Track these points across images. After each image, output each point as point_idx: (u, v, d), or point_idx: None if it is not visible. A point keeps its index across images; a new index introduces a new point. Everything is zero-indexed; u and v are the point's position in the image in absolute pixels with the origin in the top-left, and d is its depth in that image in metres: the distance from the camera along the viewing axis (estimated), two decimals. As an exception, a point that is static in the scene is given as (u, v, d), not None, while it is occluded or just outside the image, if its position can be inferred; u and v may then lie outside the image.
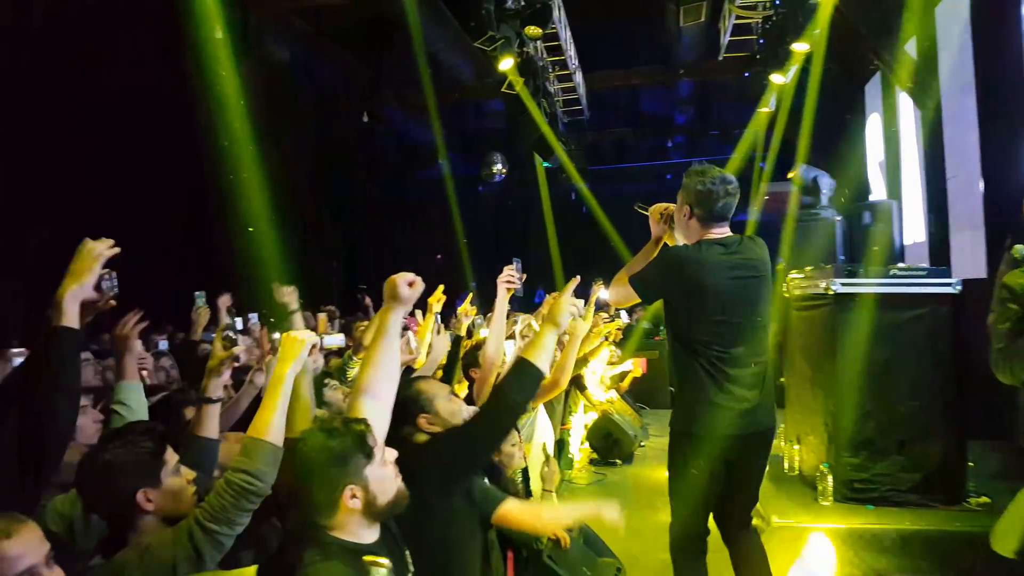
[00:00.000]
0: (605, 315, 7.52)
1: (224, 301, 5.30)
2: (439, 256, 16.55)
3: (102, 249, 2.37)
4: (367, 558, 2.15)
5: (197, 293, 4.69)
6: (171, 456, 2.31)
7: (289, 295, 4.21)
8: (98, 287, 2.38)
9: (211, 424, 2.67)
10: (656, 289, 3.60)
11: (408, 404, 2.80)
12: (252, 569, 2.37)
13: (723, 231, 3.47)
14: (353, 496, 2.22)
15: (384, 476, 2.33)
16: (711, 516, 3.61)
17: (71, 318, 2.27)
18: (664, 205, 3.78)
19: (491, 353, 3.91)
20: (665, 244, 3.75)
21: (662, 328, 10.17)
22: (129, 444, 2.22)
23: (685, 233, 3.59)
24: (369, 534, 2.33)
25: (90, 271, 2.33)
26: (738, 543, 3.63)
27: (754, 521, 3.73)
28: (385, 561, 2.14)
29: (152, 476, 2.23)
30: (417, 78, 13.87)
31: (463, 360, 4.59)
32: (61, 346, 2.25)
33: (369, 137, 15.09)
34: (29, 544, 1.83)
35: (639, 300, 3.74)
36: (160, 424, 2.48)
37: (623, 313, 9.40)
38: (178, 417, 3.26)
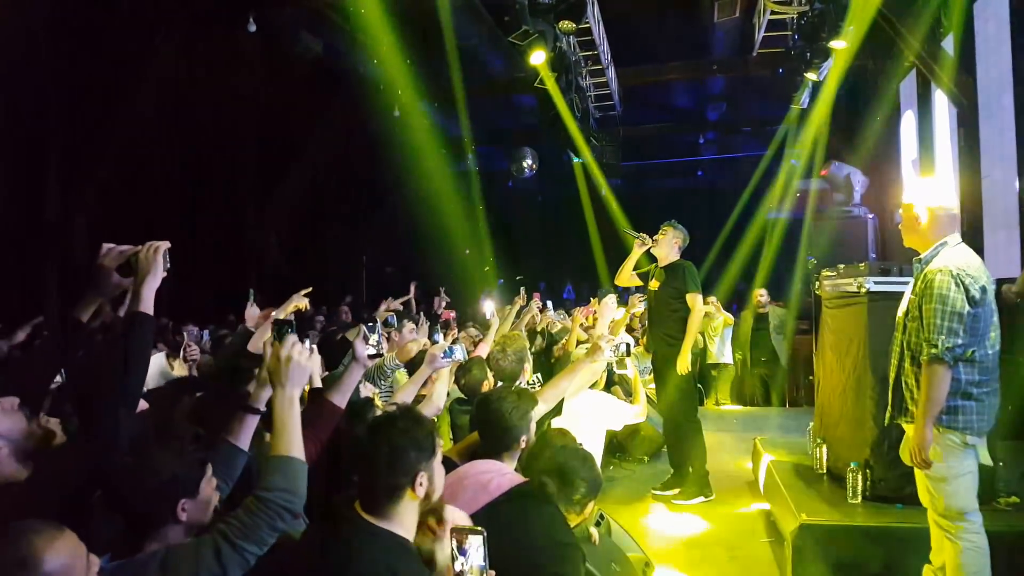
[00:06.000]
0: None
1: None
2: (467, 251, 16.61)
3: (162, 246, 2.56)
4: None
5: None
6: (209, 466, 2.27)
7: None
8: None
9: (247, 435, 2.55)
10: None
11: None
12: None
13: None
14: (421, 484, 2.23)
15: (441, 474, 2.36)
16: None
17: (148, 306, 2.47)
18: (644, 235, 6.38)
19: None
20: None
21: None
22: (180, 452, 2.19)
23: (670, 252, 6.37)
24: (412, 533, 2.30)
25: (156, 264, 2.51)
26: None
27: None
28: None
29: (194, 487, 2.18)
30: (449, 72, 14.00)
31: None
32: (142, 330, 2.43)
33: (401, 130, 15.18)
34: (73, 554, 1.78)
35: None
36: (202, 430, 2.45)
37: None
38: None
